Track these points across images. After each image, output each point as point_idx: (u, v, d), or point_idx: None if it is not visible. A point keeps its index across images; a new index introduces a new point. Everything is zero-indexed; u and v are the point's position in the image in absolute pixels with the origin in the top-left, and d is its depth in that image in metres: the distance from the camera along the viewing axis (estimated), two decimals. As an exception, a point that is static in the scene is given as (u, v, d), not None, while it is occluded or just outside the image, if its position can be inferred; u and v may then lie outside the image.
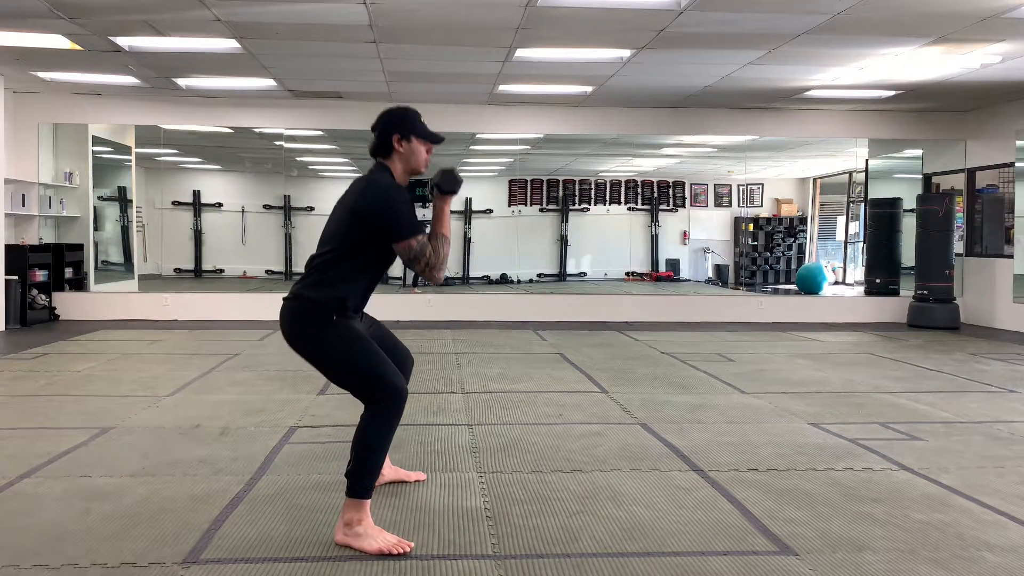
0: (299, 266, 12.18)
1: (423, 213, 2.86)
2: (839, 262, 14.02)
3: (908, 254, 10.32)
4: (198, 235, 12.57)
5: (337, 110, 9.78)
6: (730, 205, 13.50)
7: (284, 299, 2.84)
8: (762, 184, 13.70)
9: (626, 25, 6.32)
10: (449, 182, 2.86)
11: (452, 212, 12.45)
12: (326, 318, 2.75)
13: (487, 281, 12.52)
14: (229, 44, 6.99)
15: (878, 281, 10.61)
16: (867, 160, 11.20)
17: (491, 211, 12.59)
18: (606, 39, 6.82)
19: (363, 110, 9.79)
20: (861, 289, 11.22)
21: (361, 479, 2.71)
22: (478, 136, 10.89)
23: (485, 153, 12.77)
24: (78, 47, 7.15)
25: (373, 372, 2.73)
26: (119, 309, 9.54)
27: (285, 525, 2.89)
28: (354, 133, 10.63)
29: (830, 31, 6.38)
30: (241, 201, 12.63)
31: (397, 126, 2.88)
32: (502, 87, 8.81)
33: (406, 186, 2.92)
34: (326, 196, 12.66)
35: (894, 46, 6.88)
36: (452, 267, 12.68)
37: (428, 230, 2.81)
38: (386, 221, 2.73)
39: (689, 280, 13.64)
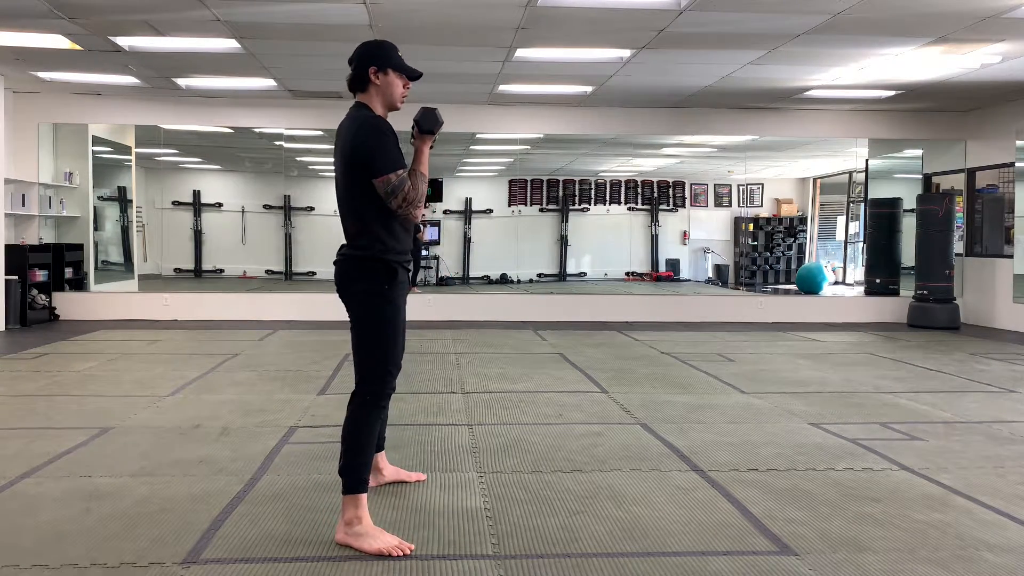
0: (299, 266, 12.21)
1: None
2: (839, 262, 14.00)
3: (908, 254, 10.32)
4: (198, 235, 12.56)
5: (337, 110, 9.65)
6: (730, 205, 13.49)
7: (335, 261, 2.85)
8: (762, 184, 13.69)
9: (626, 25, 6.32)
10: (429, 121, 2.82)
11: (452, 212, 12.38)
12: (377, 282, 2.76)
13: (487, 281, 12.52)
14: (229, 44, 6.99)
15: (878, 281, 10.61)
16: (867, 160, 11.19)
17: (491, 211, 12.59)
18: (606, 39, 6.82)
19: (363, 110, 9.78)
20: (861, 289, 11.21)
21: (353, 473, 2.74)
22: (478, 136, 10.89)
23: (485, 153, 12.76)
24: (78, 47, 7.15)
25: (387, 363, 2.79)
26: (119, 309, 9.53)
27: (285, 525, 2.89)
28: (354, 133, 10.63)
29: (830, 31, 6.38)
30: (241, 201, 12.62)
31: (373, 58, 2.85)
32: (502, 87, 8.81)
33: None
34: (326, 196, 12.65)
35: (894, 46, 6.88)
36: (452, 267, 12.68)
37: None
38: (367, 155, 2.72)
39: (689, 280, 13.62)
